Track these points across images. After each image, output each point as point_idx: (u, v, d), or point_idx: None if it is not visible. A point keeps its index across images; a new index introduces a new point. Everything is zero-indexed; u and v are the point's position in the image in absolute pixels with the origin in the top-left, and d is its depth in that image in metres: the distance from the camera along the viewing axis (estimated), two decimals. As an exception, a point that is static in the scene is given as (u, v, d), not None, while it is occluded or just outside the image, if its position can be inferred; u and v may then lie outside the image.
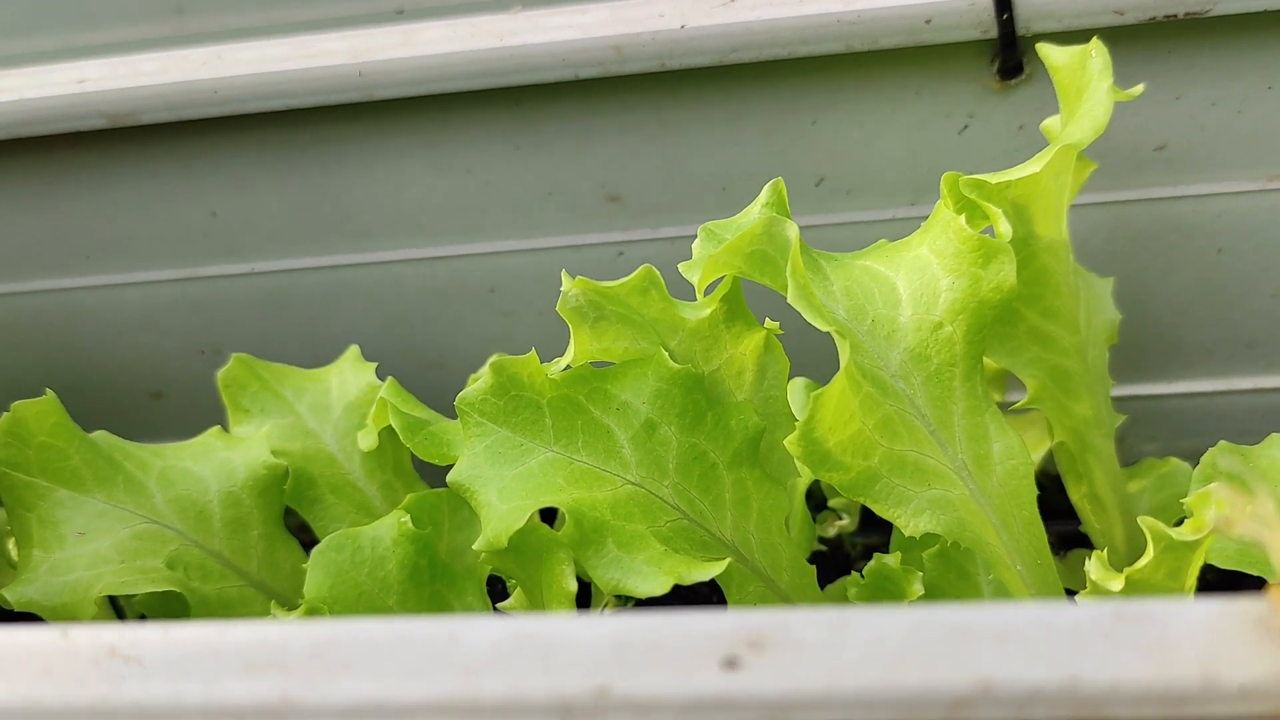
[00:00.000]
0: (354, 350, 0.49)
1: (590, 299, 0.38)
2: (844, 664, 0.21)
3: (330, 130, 0.51)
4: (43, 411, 0.40)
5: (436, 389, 0.57)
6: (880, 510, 0.37)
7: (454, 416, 0.56)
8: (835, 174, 0.51)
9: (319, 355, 0.56)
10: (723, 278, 0.39)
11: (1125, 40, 0.46)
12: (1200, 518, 0.32)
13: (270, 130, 0.51)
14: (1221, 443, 0.40)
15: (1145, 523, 0.33)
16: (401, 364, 0.56)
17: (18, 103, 0.50)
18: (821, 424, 0.35)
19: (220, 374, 0.47)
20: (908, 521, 0.36)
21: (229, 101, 0.49)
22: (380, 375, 0.55)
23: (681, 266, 0.38)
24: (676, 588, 0.35)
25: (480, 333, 0.56)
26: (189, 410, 0.59)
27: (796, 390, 0.43)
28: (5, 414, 0.40)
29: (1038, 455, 0.50)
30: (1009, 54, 0.47)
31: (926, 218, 0.51)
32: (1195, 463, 0.55)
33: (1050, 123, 0.45)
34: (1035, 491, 0.39)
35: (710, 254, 0.36)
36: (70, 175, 0.52)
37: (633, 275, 0.38)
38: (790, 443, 0.35)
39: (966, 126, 0.49)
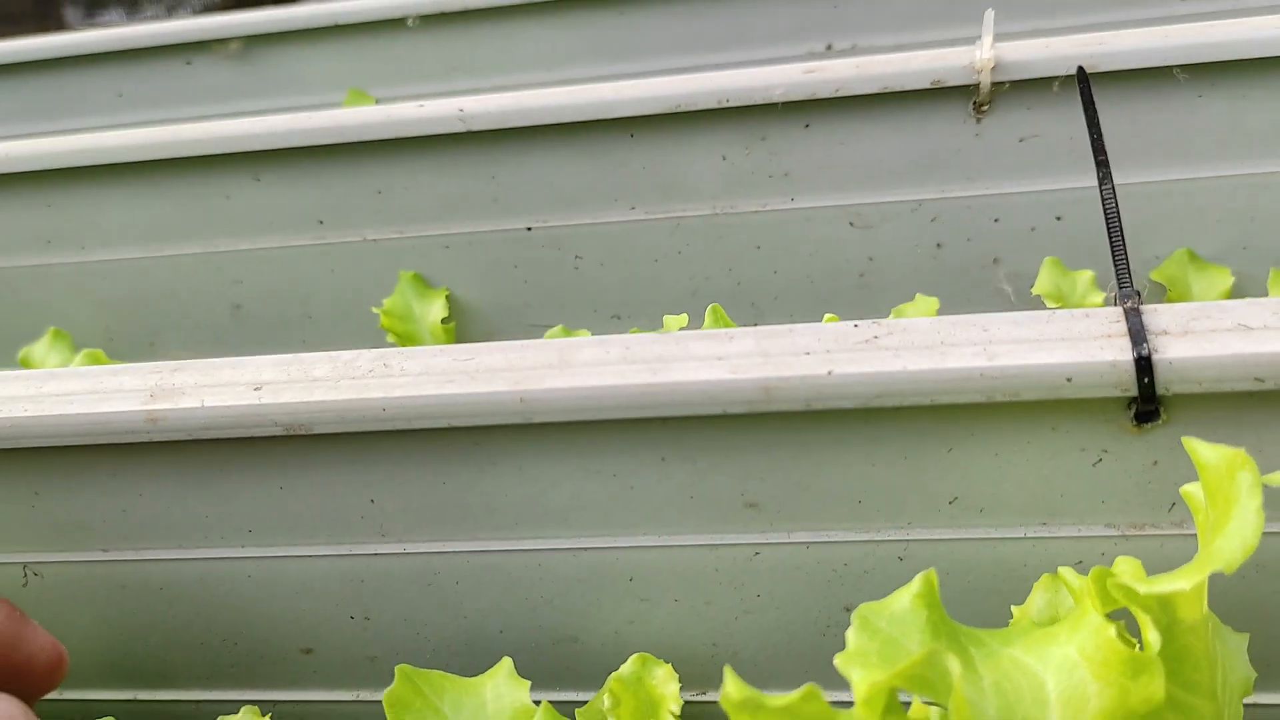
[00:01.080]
0: (507, 663, 0.52)
1: (755, 704, 0.40)
2: None
3: (487, 439, 0.54)
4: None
5: (569, 660, 0.60)
6: None
7: (585, 689, 0.59)
8: (968, 494, 0.52)
9: (465, 626, 0.59)
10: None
11: (1264, 402, 0.47)
12: None
13: (432, 437, 0.54)
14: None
15: None
16: (538, 637, 0.59)
17: (200, 410, 0.53)
18: None
19: (386, 694, 0.50)
20: None
21: (396, 419, 0.52)
22: (514, 648, 0.58)
23: (839, 662, 0.40)
24: None
25: (617, 615, 0.58)
26: (337, 664, 0.62)
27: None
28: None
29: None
30: (1146, 405, 0.48)
31: (1056, 539, 0.53)
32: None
33: (1189, 490, 0.46)
34: None
35: (873, 675, 0.38)
36: (241, 468, 0.56)
37: (798, 694, 0.40)
38: None
39: (1100, 460, 0.51)
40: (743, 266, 0.86)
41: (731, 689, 0.39)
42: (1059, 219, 0.82)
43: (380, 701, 0.63)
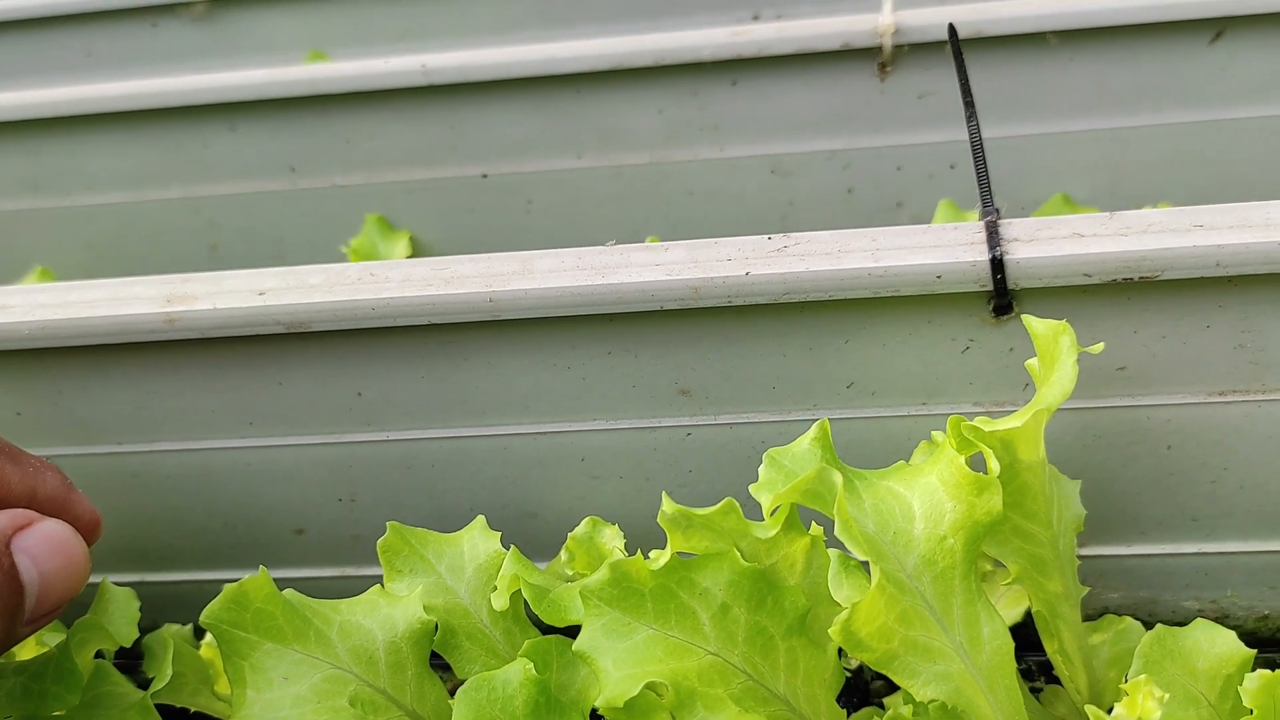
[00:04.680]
0: (481, 520, 0.61)
1: (685, 516, 0.50)
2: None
3: (460, 335, 0.63)
4: (259, 584, 0.53)
5: (531, 533, 0.70)
6: (897, 680, 0.49)
7: (543, 558, 0.69)
8: (862, 380, 0.63)
9: (438, 505, 0.69)
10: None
11: (1094, 292, 0.59)
12: (1133, 704, 0.45)
13: (412, 335, 0.63)
14: (1158, 627, 0.52)
15: (1090, 710, 0.45)
16: (504, 513, 0.69)
17: (213, 311, 0.62)
18: (857, 621, 0.47)
19: (380, 542, 0.59)
20: (918, 690, 0.49)
21: (384, 317, 0.61)
22: (484, 521, 0.67)
23: (752, 489, 0.51)
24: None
25: (570, 491, 0.68)
26: (326, 544, 0.71)
27: (835, 575, 0.55)
28: (232, 585, 0.52)
29: (1019, 610, 0.63)
30: (1001, 299, 0.59)
31: (934, 415, 0.64)
32: (1147, 608, 0.68)
33: (1032, 363, 0.57)
34: (1015, 665, 0.51)
35: (777, 491, 0.48)
36: (243, 364, 0.65)
37: (719, 506, 0.50)
38: (833, 632, 0.47)
39: (967, 348, 0.62)
40: (677, 210, 0.96)
41: (667, 507, 0.50)
42: (953, 167, 0.93)
43: (364, 577, 0.72)
